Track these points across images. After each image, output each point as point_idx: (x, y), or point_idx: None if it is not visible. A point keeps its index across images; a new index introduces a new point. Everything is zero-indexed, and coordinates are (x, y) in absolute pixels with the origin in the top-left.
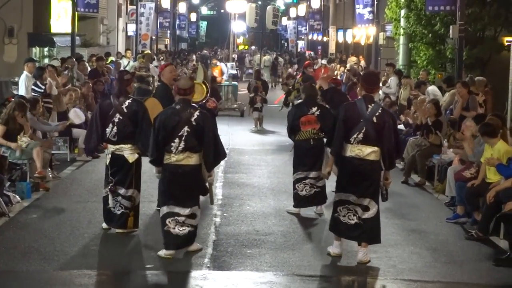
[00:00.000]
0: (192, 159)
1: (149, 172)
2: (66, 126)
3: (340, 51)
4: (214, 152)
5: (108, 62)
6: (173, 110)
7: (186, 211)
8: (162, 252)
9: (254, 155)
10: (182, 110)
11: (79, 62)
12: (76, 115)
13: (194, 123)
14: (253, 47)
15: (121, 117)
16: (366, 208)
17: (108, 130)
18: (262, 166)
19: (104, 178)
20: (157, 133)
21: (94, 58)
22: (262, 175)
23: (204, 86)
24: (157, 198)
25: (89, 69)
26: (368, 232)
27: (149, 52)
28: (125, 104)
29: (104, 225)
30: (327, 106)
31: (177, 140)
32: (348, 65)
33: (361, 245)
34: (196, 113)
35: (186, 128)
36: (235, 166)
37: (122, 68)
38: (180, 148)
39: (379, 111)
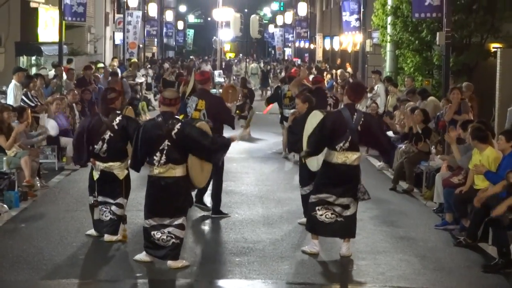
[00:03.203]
0: (176, 171)
1: (137, 180)
2: (45, 138)
3: (327, 58)
4: (212, 152)
5: (96, 67)
6: (154, 122)
7: (172, 221)
8: (139, 256)
9: (242, 163)
10: (163, 123)
11: (68, 70)
12: (51, 126)
13: (174, 137)
14: (240, 55)
15: (112, 134)
16: (347, 207)
17: (97, 147)
18: (250, 174)
19: (89, 187)
20: (139, 147)
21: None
22: (250, 183)
23: (235, 89)
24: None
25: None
26: (349, 228)
27: (136, 60)
28: (115, 121)
29: (89, 232)
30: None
31: (158, 154)
32: (339, 72)
33: (344, 240)
34: (178, 126)
35: (166, 142)
36: (224, 174)
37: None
38: (162, 161)
39: (362, 118)
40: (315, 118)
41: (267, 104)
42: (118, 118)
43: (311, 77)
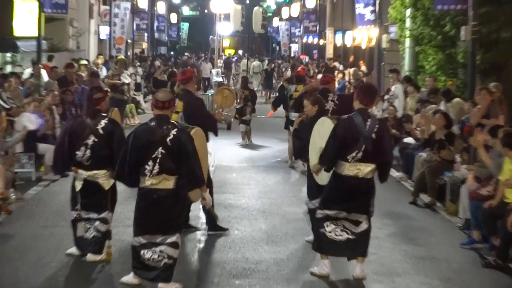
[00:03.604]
0: (170, 182)
1: (125, 192)
2: (25, 135)
3: (338, 56)
4: (188, 177)
5: (79, 65)
6: (147, 127)
7: (165, 239)
8: (126, 278)
9: (243, 173)
10: (156, 128)
11: (51, 69)
12: (29, 119)
13: (169, 144)
14: (240, 52)
15: (96, 140)
16: (358, 223)
17: (79, 153)
18: (251, 185)
19: (71, 200)
20: (128, 155)
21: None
22: (252, 196)
23: (231, 91)
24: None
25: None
26: (362, 246)
27: (123, 57)
28: (100, 124)
29: (70, 251)
30: None
31: (151, 162)
32: (351, 71)
33: (357, 260)
34: (173, 132)
35: (160, 150)
36: (221, 186)
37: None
38: (155, 171)
39: (377, 125)
40: (323, 127)
41: (274, 108)
42: (103, 121)
43: (318, 76)
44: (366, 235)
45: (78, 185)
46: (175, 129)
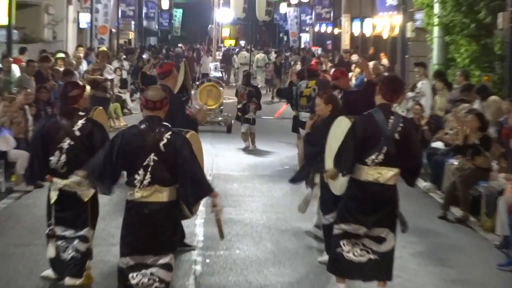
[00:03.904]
0: (163, 195)
1: (108, 205)
2: None
3: (356, 47)
4: (192, 186)
5: (55, 59)
6: (136, 131)
7: (156, 260)
8: None
9: (245, 183)
10: (147, 132)
11: (27, 63)
12: (4, 141)
13: (163, 149)
14: (242, 43)
15: (72, 143)
16: (382, 240)
17: (54, 159)
18: (255, 197)
19: (46, 215)
20: (112, 162)
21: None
22: (256, 209)
23: (218, 88)
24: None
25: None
26: (386, 269)
27: (105, 49)
28: (77, 125)
29: (45, 274)
30: None
31: (141, 171)
32: (371, 64)
33: (378, 284)
34: (167, 136)
35: (152, 156)
36: (221, 197)
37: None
38: (146, 181)
39: (401, 124)
40: (340, 128)
41: (279, 95)
42: (80, 122)
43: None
44: (390, 255)
45: (53, 196)
46: (169, 133)
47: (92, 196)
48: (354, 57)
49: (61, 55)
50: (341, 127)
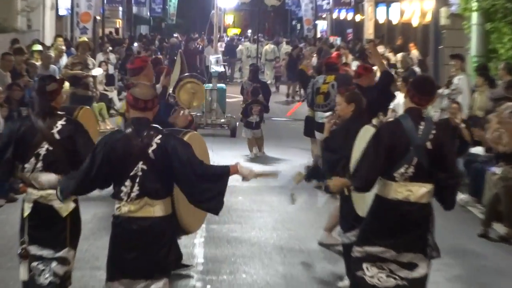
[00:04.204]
0: (155, 209)
1: (92, 221)
2: None
3: (381, 36)
4: (203, 183)
5: (31, 51)
6: (121, 136)
7: (149, 285)
8: None
9: (252, 196)
10: (134, 136)
11: (2, 56)
12: None
13: (153, 156)
14: (248, 32)
15: (50, 148)
16: (413, 266)
17: (28, 166)
18: (264, 213)
19: (19, 233)
20: (94, 175)
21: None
22: (265, 226)
23: (200, 85)
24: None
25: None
26: None
27: (86, 40)
28: (56, 127)
29: None
30: None
31: (128, 182)
32: (399, 56)
33: None
34: (157, 140)
35: (140, 165)
36: (223, 213)
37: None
38: (133, 194)
39: (433, 131)
40: (364, 139)
41: (311, 107)
42: (60, 123)
43: (353, 63)
44: (422, 283)
45: (27, 209)
46: (159, 136)
47: (72, 211)
48: (380, 49)
49: (38, 47)
50: (366, 138)
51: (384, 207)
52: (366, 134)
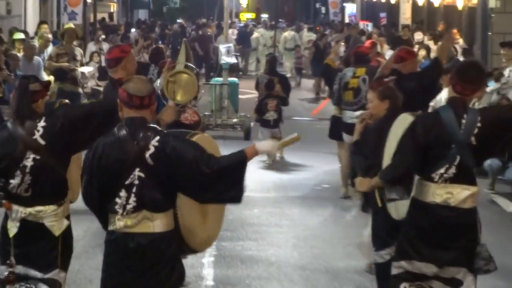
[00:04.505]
0: (154, 224)
1: (84, 238)
2: None
3: (420, 21)
4: (218, 179)
5: (12, 41)
6: (114, 139)
7: None
8: None
9: (270, 208)
10: (129, 139)
11: None
12: None
13: (150, 162)
14: (265, 17)
15: (38, 157)
16: (457, 283)
17: (14, 182)
18: (283, 227)
19: (0, 254)
20: (88, 181)
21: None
22: (285, 243)
23: (194, 76)
24: None
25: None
26: None
27: (72, 26)
28: (37, 130)
29: None
30: None
31: (123, 193)
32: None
33: None
34: (154, 142)
35: (137, 172)
36: (237, 228)
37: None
38: (130, 206)
39: (478, 124)
40: (402, 129)
41: (338, 106)
42: (40, 125)
43: (388, 53)
44: None
45: (13, 229)
46: (157, 137)
47: (64, 229)
48: (418, 36)
49: (20, 35)
50: (403, 127)
51: (421, 212)
52: (403, 121)
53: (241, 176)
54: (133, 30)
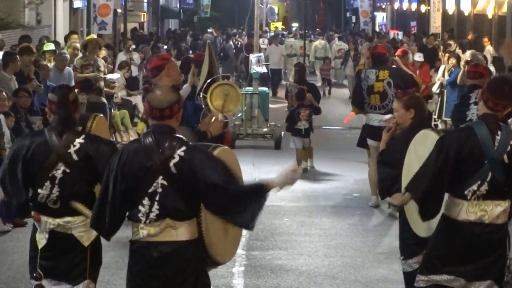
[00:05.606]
0: (178, 232)
1: (114, 248)
2: None
3: (449, 30)
4: (235, 204)
5: (42, 51)
6: (139, 147)
7: None
8: None
9: (300, 217)
10: (154, 147)
11: (9, 56)
12: None
13: (174, 170)
14: (295, 26)
15: (68, 170)
16: None
17: (43, 192)
18: (314, 237)
19: (29, 265)
20: (112, 190)
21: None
22: (315, 253)
23: (236, 89)
24: None
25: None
26: None
27: (95, 37)
28: (74, 145)
29: None
30: None
31: (146, 201)
32: (468, 54)
33: None
34: (180, 152)
35: (160, 180)
36: (266, 237)
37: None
38: (153, 214)
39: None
40: (424, 145)
41: (356, 108)
42: (78, 141)
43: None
44: None
45: (42, 240)
46: (183, 148)
47: (93, 239)
48: (451, 44)
49: (51, 46)
50: (425, 144)
51: (453, 230)
52: (425, 139)
53: (259, 206)
54: (164, 46)
